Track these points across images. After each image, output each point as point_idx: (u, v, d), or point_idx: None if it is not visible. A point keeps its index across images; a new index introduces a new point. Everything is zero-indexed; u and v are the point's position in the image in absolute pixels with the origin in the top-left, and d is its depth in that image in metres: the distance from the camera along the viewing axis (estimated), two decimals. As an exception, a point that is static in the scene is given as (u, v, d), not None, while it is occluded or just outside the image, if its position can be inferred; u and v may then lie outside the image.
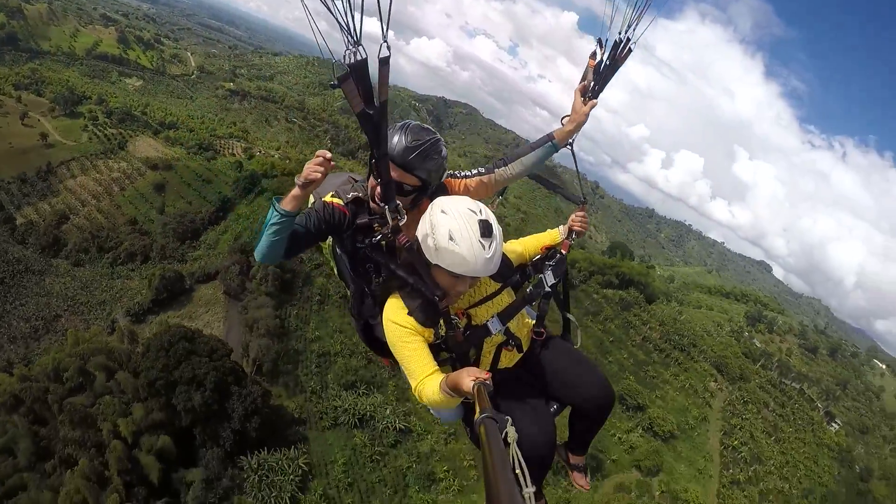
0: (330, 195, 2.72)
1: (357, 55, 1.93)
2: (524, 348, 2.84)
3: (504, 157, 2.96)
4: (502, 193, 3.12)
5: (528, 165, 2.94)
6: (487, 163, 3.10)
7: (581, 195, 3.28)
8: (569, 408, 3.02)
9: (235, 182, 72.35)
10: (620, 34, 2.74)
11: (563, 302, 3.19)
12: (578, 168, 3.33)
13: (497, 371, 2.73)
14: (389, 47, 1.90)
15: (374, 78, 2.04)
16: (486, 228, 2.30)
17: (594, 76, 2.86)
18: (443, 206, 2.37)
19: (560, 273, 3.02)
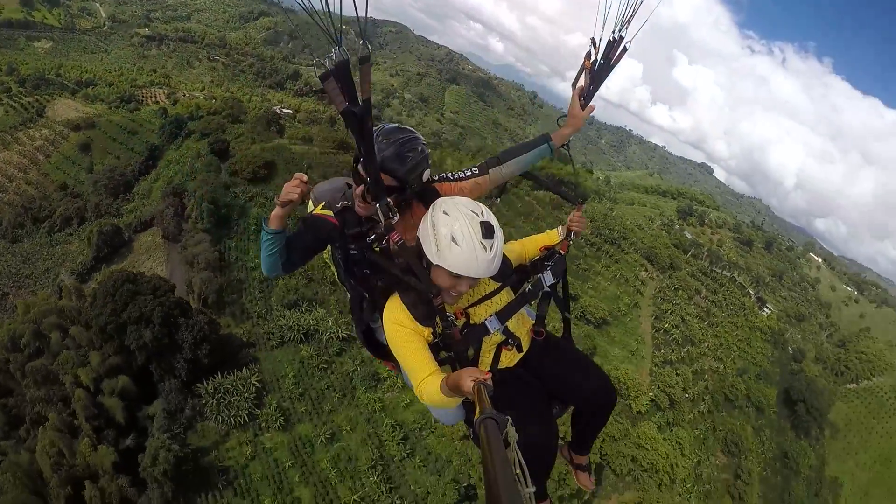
0: (320, 206, 2.75)
1: (339, 56, 1.94)
2: (524, 348, 2.84)
3: (498, 157, 2.93)
4: (501, 193, 3.15)
5: (523, 165, 2.93)
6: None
7: (578, 195, 3.30)
8: (571, 408, 3.06)
9: (161, 129, 70.42)
10: (614, 33, 2.72)
11: (563, 302, 3.18)
12: (574, 166, 3.40)
13: (498, 371, 2.72)
14: (369, 46, 1.96)
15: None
16: (488, 230, 2.32)
17: (589, 77, 2.86)
18: (445, 207, 2.39)
19: (559, 273, 3.04)
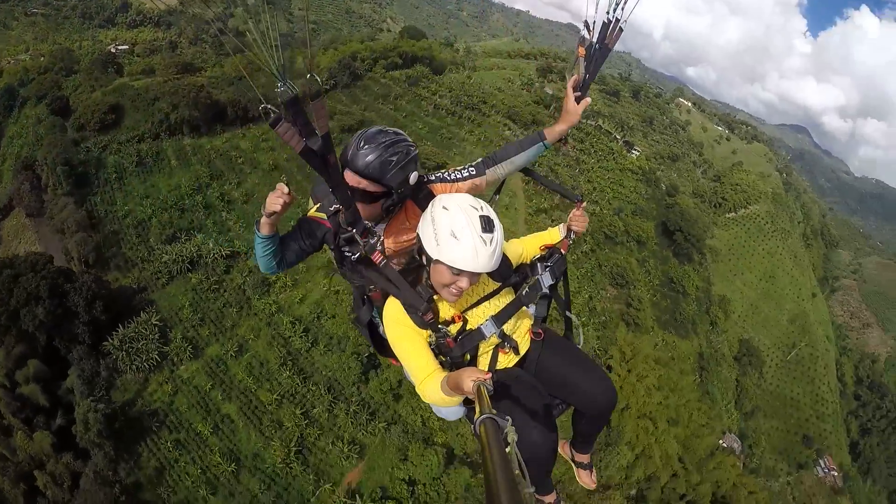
0: (315, 209, 2.69)
1: (285, 93, 1.86)
2: (522, 350, 2.77)
3: (493, 156, 2.87)
4: (499, 191, 2.98)
5: (519, 165, 2.87)
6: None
7: (578, 193, 3.28)
8: (571, 407, 2.99)
9: (-8, 103, 63.46)
10: (609, 13, 2.54)
11: (565, 302, 3.07)
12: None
13: (497, 371, 2.65)
14: (319, 79, 1.85)
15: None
16: (488, 224, 2.30)
17: (585, 65, 2.65)
18: (444, 203, 2.35)
19: (559, 273, 2.92)
